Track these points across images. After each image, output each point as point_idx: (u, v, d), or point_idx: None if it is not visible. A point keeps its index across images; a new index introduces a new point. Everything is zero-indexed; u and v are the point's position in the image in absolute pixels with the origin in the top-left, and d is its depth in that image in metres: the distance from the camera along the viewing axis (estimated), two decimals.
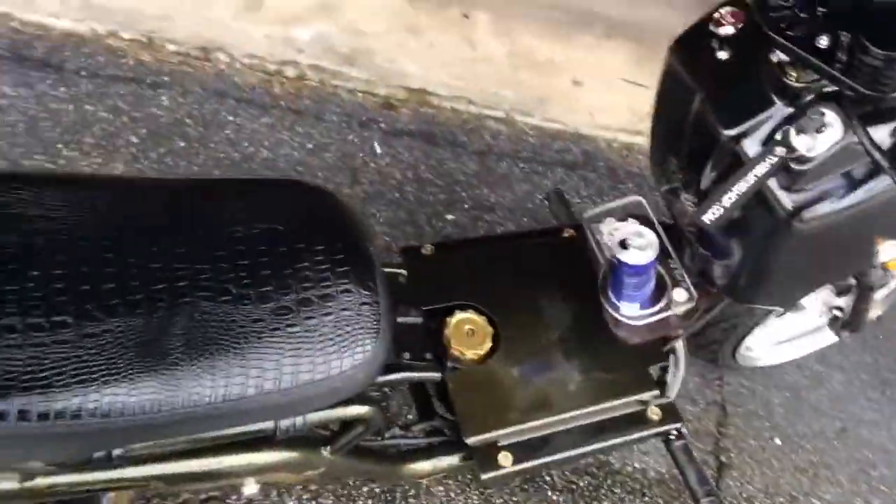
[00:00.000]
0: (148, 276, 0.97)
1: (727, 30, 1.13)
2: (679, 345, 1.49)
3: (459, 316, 1.40)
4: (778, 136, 1.03)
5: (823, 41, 0.97)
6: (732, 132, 1.09)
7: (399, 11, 2.19)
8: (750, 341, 1.74)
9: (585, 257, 1.42)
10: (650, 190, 1.94)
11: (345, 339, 1.02)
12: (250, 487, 1.17)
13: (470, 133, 2.10)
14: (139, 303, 0.95)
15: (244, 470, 1.12)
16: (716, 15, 1.15)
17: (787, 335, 1.82)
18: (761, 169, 1.05)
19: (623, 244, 1.27)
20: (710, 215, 1.09)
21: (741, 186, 1.06)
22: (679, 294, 1.35)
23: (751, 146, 1.09)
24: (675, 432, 1.47)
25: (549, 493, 1.70)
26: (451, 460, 1.37)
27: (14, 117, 1.82)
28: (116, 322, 0.93)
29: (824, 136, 1.02)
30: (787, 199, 1.08)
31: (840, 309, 1.64)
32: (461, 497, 1.66)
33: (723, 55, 1.13)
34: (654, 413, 1.45)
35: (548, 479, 1.71)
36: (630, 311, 1.34)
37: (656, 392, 1.44)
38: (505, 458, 1.35)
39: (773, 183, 1.08)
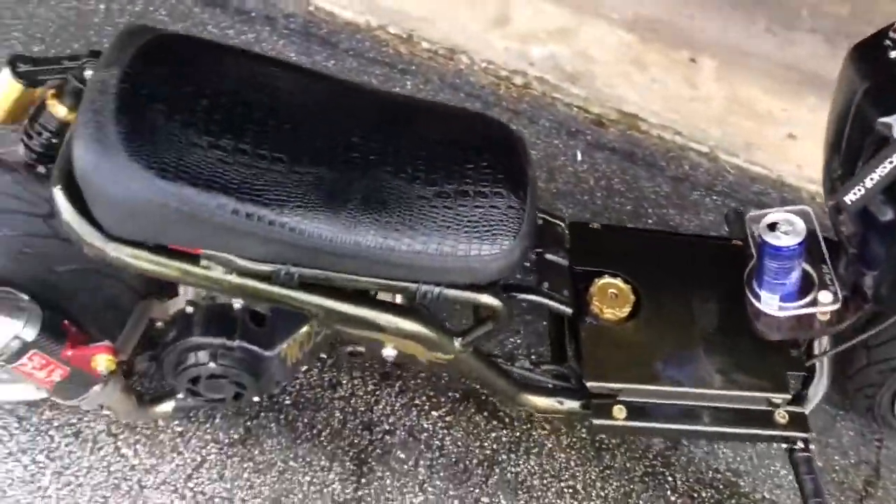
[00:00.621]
0: (350, 145, 1.23)
1: None
2: (824, 361, 1.49)
3: (607, 279, 1.52)
4: None
5: None
6: (887, 119, 1.14)
7: (629, 46, 2.38)
8: None
9: (745, 264, 1.49)
10: None
11: (488, 229, 1.20)
12: (388, 350, 1.37)
13: (670, 160, 2.21)
14: (338, 161, 1.20)
15: (387, 326, 1.32)
16: None
17: None
18: None
19: (771, 227, 1.34)
20: (852, 196, 1.16)
21: (884, 167, 1.12)
22: (824, 296, 1.39)
23: None
24: (801, 443, 1.46)
25: (669, 494, 1.72)
26: (569, 404, 1.49)
27: None
28: (317, 169, 1.19)
29: None
30: None
31: None
32: (580, 469, 1.74)
33: (894, 54, 1.20)
34: (781, 417, 1.47)
35: (670, 479, 1.74)
36: (770, 302, 1.39)
37: (787, 396, 1.46)
38: (619, 411, 1.45)
39: None
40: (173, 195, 1.11)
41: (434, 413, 1.78)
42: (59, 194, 1.18)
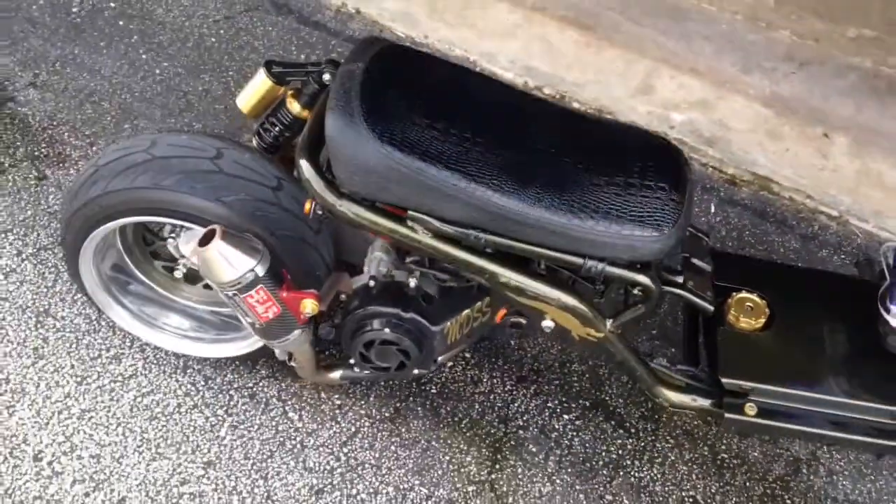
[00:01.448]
0: (538, 140, 1.46)
1: None
2: None
3: (745, 294, 1.67)
4: None
5: None
6: None
7: (765, 119, 2.57)
8: None
9: (875, 295, 1.62)
10: None
11: (650, 215, 1.40)
12: (547, 322, 1.56)
13: (801, 220, 2.35)
14: (527, 150, 1.44)
15: (550, 297, 1.51)
16: None
17: None
18: None
19: None
20: None
21: None
22: None
23: None
24: None
25: None
26: (702, 401, 1.62)
27: None
28: (511, 154, 1.42)
29: None
30: None
31: None
32: (701, 482, 1.84)
33: None
34: None
35: (788, 502, 1.80)
36: None
37: None
38: (750, 409, 1.57)
39: None
40: (397, 159, 1.37)
41: (565, 416, 1.93)
42: (304, 163, 1.46)
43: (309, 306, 1.53)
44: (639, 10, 2.87)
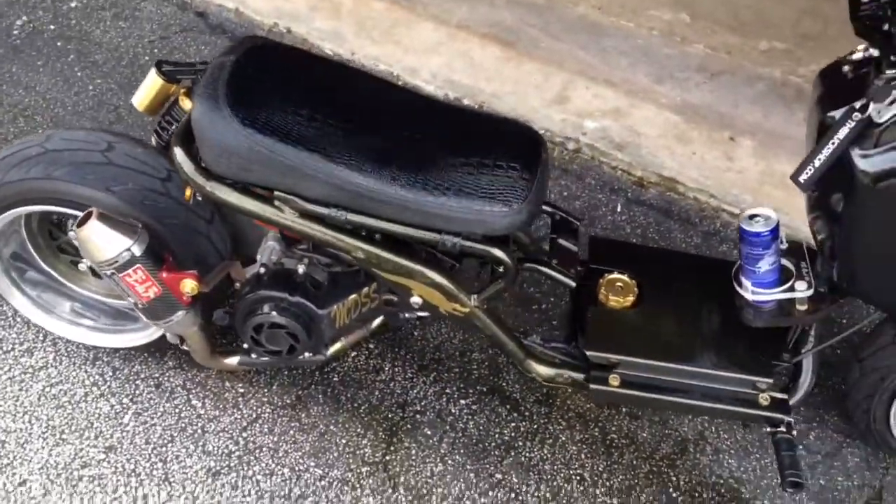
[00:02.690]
0: (399, 126, 1.57)
1: (856, 55, 1.45)
2: (810, 357, 1.65)
3: (616, 275, 1.76)
4: (857, 105, 1.31)
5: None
6: (833, 112, 1.38)
7: (674, 125, 2.68)
8: None
9: None
10: None
11: (501, 192, 1.49)
12: (415, 298, 1.64)
13: (703, 218, 2.44)
14: (388, 135, 1.54)
15: (413, 272, 1.59)
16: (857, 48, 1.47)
17: None
18: (843, 131, 1.33)
19: (751, 217, 1.56)
20: (804, 175, 1.39)
21: (828, 148, 1.35)
22: (800, 285, 1.58)
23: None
24: (783, 427, 1.60)
25: (671, 491, 1.85)
26: (570, 374, 1.70)
27: None
28: (370, 138, 1.53)
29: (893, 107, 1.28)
30: (865, 164, 1.33)
31: None
32: (589, 461, 1.90)
33: (845, 68, 1.44)
34: (764, 400, 1.62)
35: (674, 479, 1.88)
36: (752, 288, 1.59)
37: (769, 380, 1.61)
38: (614, 380, 1.64)
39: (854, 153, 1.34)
40: (258, 141, 1.46)
41: (462, 401, 2.00)
42: (177, 150, 1.56)
43: (188, 286, 1.61)
44: (559, 27, 2.99)
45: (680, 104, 2.76)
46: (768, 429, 1.64)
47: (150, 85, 1.78)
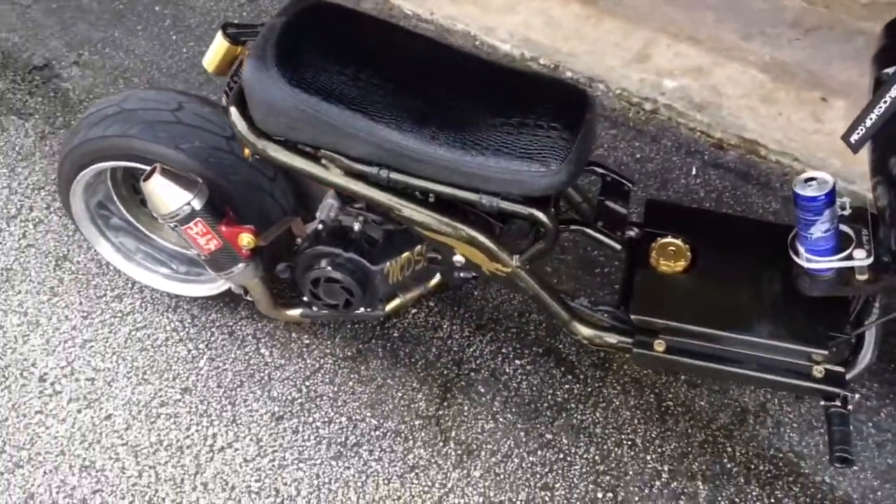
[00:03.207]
0: (442, 87, 1.58)
1: None
2: (872, 330, 1.57)
3: (669, 239, 1.72)
4: None
5: None
6: (889, 69, 1.29)
7: (760, 85, 2.56)
8: None
9: None
10: None
11: (540, 152, 1.49)
12: (457, 257, 1.66)
13: (785, 182, 2.33)
14: (429, 96, 1.56)
15: (454, 231, 1.61)
16: None
17: None
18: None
19: (806, 181, 1.49)
20: (855, 135, 1.31)
21: (880, 106, 1.27)
22: (859, 253, 1.50)
23: None
24: (839, 402, 1.54)
25: (725, 461, 1.82)
26: (615, 337, 1.68)
27: None
28: (413, 100, 1.55)
29: None
30: None
31: None
32: (642, 426, 1.88)
33: None
34: (818, 372, 1.56)
35: (729, 449, 1.85)
36: (806, 256, 1.52)
37: (825, 352, 1.54)
38: (659, 345, 1.62)
39: None
40: (303, 101, 1.52)
41: (517, 361, 2.02)
42: (232, 110, 1.64)
43: (245, 239, 1.70)
44: None
45: (768, 62, 2.62)
46: (822, 402, 1.58)
47: (217, 47, 1.86)
